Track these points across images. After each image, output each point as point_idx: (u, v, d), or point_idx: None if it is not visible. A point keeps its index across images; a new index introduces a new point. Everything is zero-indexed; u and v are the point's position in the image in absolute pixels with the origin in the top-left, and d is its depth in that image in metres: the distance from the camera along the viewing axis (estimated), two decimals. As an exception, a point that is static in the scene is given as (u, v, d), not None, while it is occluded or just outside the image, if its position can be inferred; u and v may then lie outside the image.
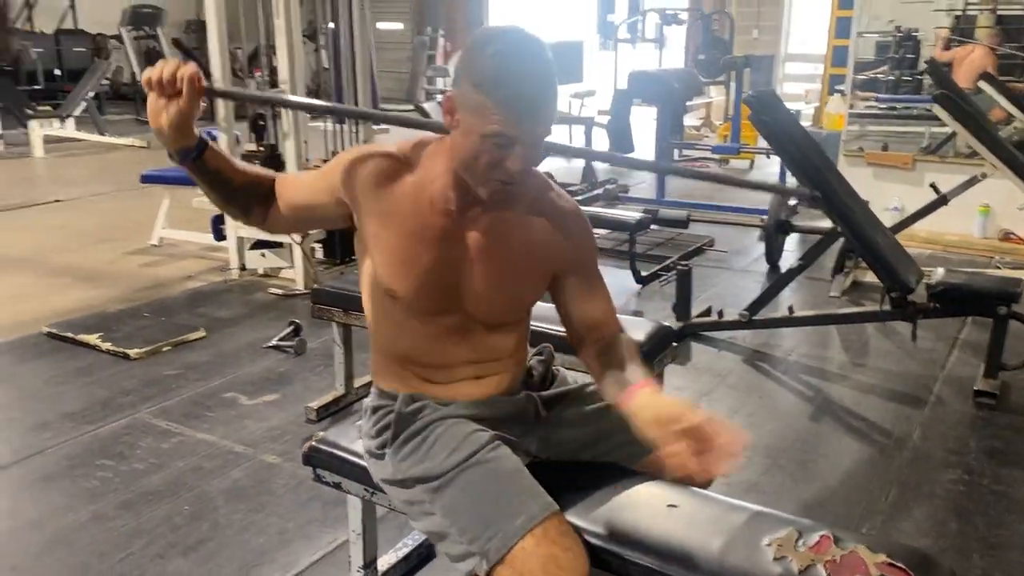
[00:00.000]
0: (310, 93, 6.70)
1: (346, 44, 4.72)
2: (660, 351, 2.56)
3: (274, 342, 3.72)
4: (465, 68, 1.36)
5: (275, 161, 4.49)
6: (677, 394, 3.25)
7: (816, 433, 3.03)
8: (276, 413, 3.10)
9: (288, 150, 4.48)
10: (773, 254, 5.08)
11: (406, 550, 2.21)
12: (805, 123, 7.63)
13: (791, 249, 5.33)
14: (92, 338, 3.75)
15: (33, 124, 9.12)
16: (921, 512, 2.51)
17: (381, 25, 15.14)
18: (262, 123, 4.68)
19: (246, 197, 1.64)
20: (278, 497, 2.56)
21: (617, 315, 1.67)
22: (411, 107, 10.34)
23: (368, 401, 1.69)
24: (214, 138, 2.32)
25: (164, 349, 3.71)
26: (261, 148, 4.62)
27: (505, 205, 1.50)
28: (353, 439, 1.84)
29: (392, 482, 1.59)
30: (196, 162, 1.57)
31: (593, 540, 1.50)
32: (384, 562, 2.15)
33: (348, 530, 2.00)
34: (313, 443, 1.88)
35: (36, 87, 11.96)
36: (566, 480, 1.61)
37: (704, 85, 8.41)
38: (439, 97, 9.92)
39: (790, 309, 3.73)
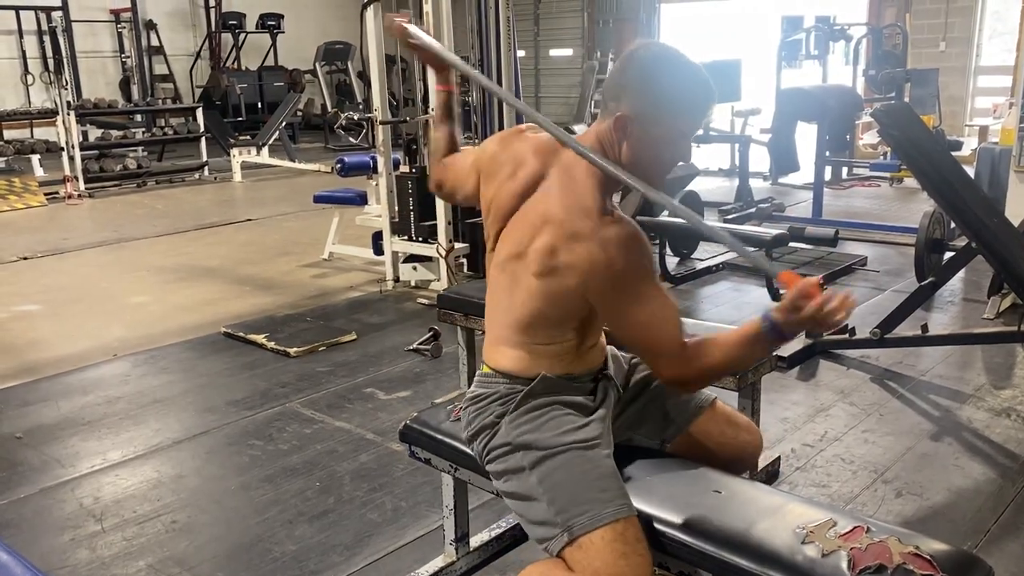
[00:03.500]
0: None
1: (493, 72, 5.02)
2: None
3: (414, 346, 4.05)
4: (647, 88, 1.58)
5: (426, 181, 4.85)
6: (792, 408, 3.29)
7: (934, 452, 2.95)
8: (407, 407, 3.40)
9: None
10: (924, 273, 4.87)
11: (499, 531, 2.41)
12: (993, 139, 7.19)
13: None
14: (260, 338, 4.23)
15: (234, 152, 10.19)
16: (1033, 535, 2.42)
17: (553, 52, 15.60)
18: (414, 147, 5.07)
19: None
20: (396, 479, 2.83)
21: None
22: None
23: (486, 389, 1.76)
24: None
25: (319, 349, 4.12)
26: (413, 170, 5.00)
27: None
28: (442, 420, 2.06)
29: (498, 447, 1.70)
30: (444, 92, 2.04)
31: (646, 518, 1.62)
32: (477, 539, 2.36)
33: (442, 506, 2.23)
34: (408, 423, 2.13)
35: (239, 119, 13.30)
36: (615, 463, 1.75)
37: (867, 101, 8.10)
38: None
39: (923, 328, 3.62)
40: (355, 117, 7.76)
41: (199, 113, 10.55)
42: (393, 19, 2.03)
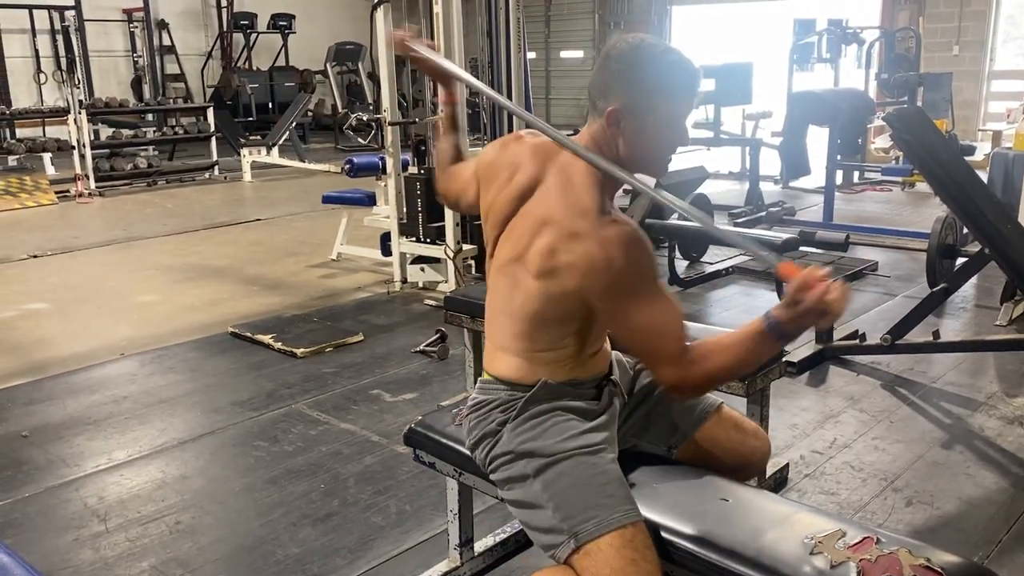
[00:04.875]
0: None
1: (503, 73, 5.01)
2: (766, 364, 2.58)
3: (421, 347, 4.03)
4: (632, 78, 1.58)
5: (434, 183, 4.84)
6: (801, 415, 3.26)
7: (945, 461, 2.91)
8: (412, 409, 3.38)
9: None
10: (936, 279, 4.83)
11: (503, 536, 2.39)
12: (1007, 144, 7.13)
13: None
14: (267, 338, 4.22)
15: (244, 151, 10.21)
16: (1046, 546, 2.38)
17: (564, 54, 15.59)
18: (423, 148, 5.06)
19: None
20: (401, 483, 2.82)
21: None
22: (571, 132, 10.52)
23: (487, 396, 1.74)
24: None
25: (326, 350, 4.11)
26: (422, 171, 4.99)
27: None
28: (447, 424, 2.05)
29: (500, 456, 1.68)
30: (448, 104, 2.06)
31: (652, 527, 1.60)
32: (482, 544, 2.34)
33: (447, 510, 2.21)
34: (412, 426, 2.11)
35: (250, 119, 13.33)
36: (621, 470, 1.73)
37: (880, 105, 8.05)
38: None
39: (935, 334, 3.58)
40: (364, 118, 7.76)
41: (210, 113, 10.58)
42: (396, 33, 2.03)
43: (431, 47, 2.01)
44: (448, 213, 4.81)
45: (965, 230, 4.86)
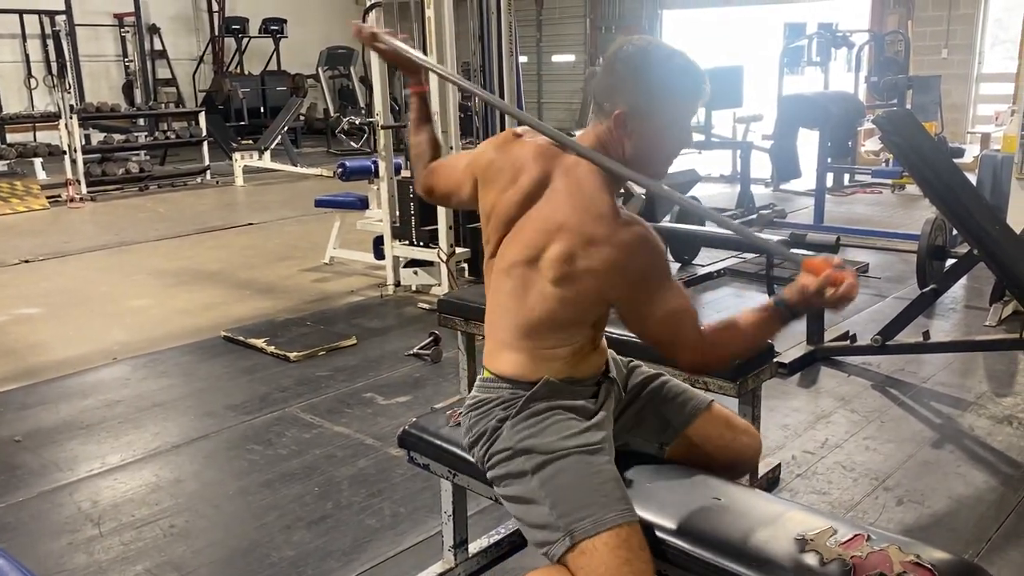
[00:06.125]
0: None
1: (495, 77, 5.02)
2: (757, 365, 2.59)
3: (414, 350, 4.04)
4: (640, 81, 1.60)
5: (427, 186, 4.86)
6: (793, 415, 3.28)
7: (935, 460, 2.94)
8: (406, 412, 3.38)
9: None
10: (926, 280, 4.86)
11: (498, 537, 2.39)
12: (995, 146, 7.18)
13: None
14: (260, 342, 4.22)
15: (236, 156, 10.20)
16: (1035, 544, 2.41)
17: (555, 58, 15.63)
18: (417, 151, 5.06)
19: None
20: (395, 485, 2.82)
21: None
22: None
23: (489, 394, 1.74)
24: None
25: (319, 353, 4.11)
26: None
27: None
28: (441, 426, 2.06)
29: (499, 452, 1.68)
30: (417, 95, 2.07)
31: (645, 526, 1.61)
32: (476, 545, 2.34)
33: (441, 512, 2.22)
34: (406, 428, 2.12)
35: (242, 123, 13.31)
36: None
37: (869, 108, 8.10)
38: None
39: (925, 335, 3.61)
40: (357, 122, 7.78)
41: (202, 117, 10.57)
42: (360, 26, 2.03)
43: (394, 35, 2.01)
44: (441, 216, 4.82)
45: (954, 232, 4.90)
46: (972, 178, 5.02)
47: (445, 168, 1.97)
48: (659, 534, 1.61)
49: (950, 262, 4.73)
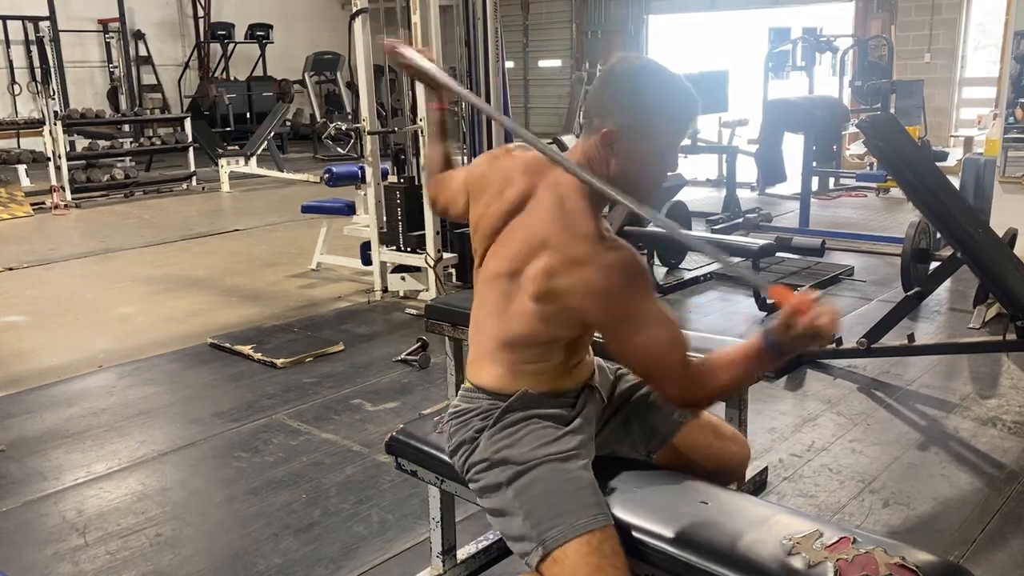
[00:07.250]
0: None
1: (481, 82, 5.03)
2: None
3: (402, 356, 4.04)
4: (632, 102, 1.58)
5: (414, 192, 4.86)
6: (779, 418, 3.29)
7: (920, 462, 2.96)
8: (394, 419, 3.38)
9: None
10: (910, 283, 4.90)
11: (486, 543, 2.39)
12: (978, 150, 7.24)
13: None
14: (246, 348, 4.21)
15: (222, 161, 10.17)
16: (1019, 544, 2.42)
17: (542, 63, 15.66)
18: (403, 157, 5.07)
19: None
20: (383, 492, 2.82)
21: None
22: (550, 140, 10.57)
23: (469, 404, 1.75)
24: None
25: (306, 360, 4.10)
26: (401, 180, 5.00)
27: None
28: (429, 432, 2.05)
29: (477, 463, 1.70)
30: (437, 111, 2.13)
31: (631, 530, 1.62)
32: (464, 552, 2.34)
33: (429, 518, 2.22)
34: (394, 434, 2.11)
35: (228, 129, 13.27)
36: (600, 475, 1.74)
37: (854, 112, 8.16)
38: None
39: (909, 337, 3.63)
40: (343, 127, 7.76)
41: (187, 123, 10.54)
42: (386, 40, 2.06)
43: (424, 54, 2.03)
44: (428, 222, 4.82)
45: (938, 235, 4.93)
46: (955, 181, 5.06)
47: (447, 180, 2.00)
48: (645, 538, 1.61)
49: (934, 265, 4.78)
